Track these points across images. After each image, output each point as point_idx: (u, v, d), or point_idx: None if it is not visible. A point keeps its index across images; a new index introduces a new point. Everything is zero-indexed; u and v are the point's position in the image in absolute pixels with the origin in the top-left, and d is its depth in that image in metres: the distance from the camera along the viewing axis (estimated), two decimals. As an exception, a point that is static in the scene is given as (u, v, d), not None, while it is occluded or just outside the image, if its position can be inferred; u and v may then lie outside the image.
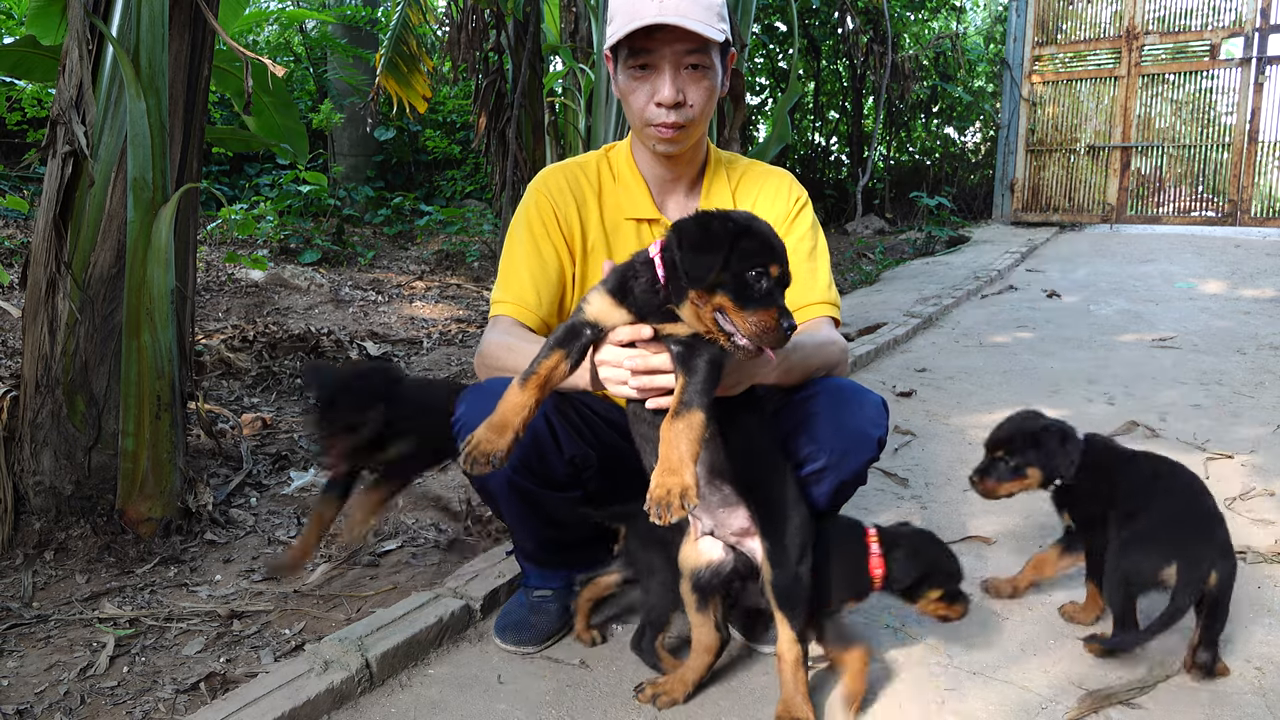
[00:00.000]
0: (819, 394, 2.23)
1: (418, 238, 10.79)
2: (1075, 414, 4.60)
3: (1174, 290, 8.22)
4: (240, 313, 6.80)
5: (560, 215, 2.43)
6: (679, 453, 1.74)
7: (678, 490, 1.70)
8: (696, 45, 2.22)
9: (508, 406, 1.85)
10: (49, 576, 2.88)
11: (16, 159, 9.60)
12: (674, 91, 2.24)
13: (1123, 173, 12.45)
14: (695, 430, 1.76)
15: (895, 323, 6.81)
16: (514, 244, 2.44)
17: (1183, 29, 12.03)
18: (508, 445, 1.83)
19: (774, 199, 2.50)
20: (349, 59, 11.41)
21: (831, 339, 2.36)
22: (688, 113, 2.27)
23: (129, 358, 2.99)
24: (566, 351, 1.89)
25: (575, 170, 2.51)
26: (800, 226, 2.50)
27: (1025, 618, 2.61)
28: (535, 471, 2.26)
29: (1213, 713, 2.16)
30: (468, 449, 1.81)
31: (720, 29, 2.23)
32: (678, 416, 1.78)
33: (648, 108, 2.28)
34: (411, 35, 7.39)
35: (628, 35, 2.20)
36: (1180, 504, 2.40)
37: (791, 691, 2.10)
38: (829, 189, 14.85)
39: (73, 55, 3.00)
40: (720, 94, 2.37)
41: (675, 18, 2.15)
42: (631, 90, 2.30)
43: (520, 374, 1.87)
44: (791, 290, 2.39)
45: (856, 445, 2.21)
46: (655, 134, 2.31)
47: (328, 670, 2.22)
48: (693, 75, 2.26)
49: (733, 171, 2.54)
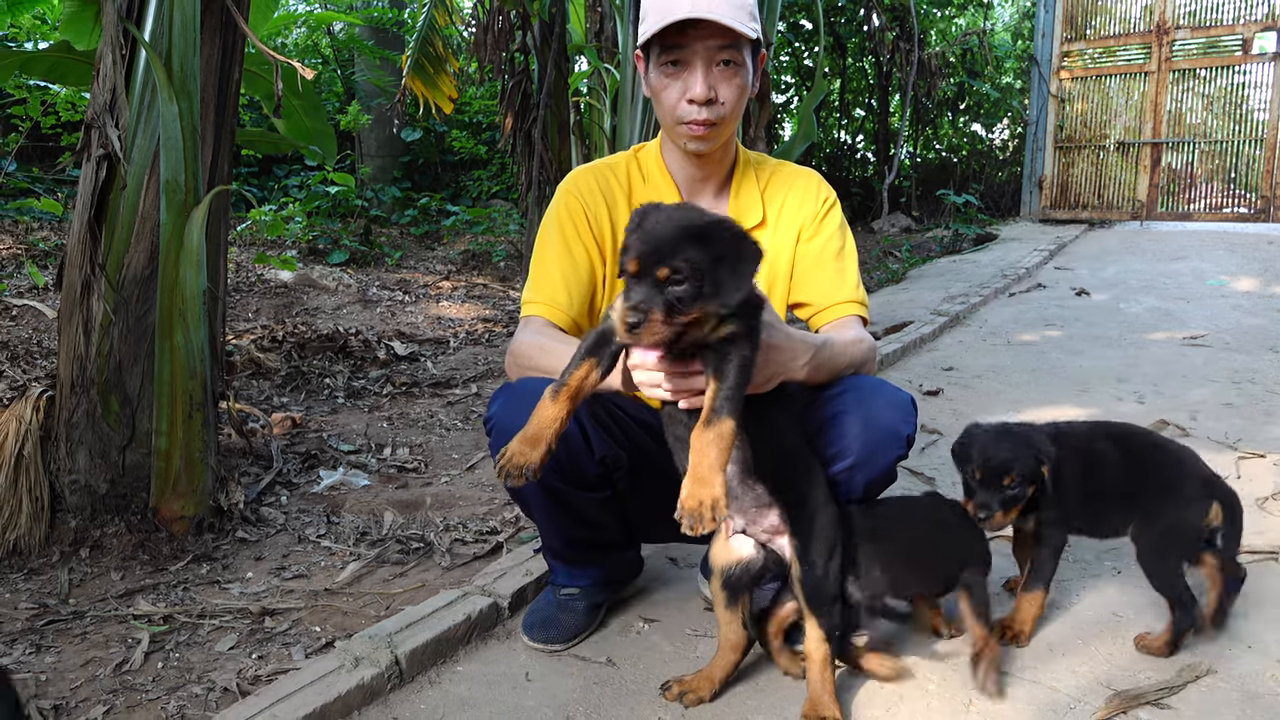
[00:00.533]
0: (846, 392, 2.23)
1: (444, 238, 10.84)
2: (1105, 412, 4.56)
3: (1205, 288, 8.12)
4: (270, 313, 6.87)
5: (591, 216, 2.44)
6: (709, 462, 1.76)
7: (709, 502, 1.73)
8: (729, 41, 2.21)
9: (541, 420, 1.87)
10: (85, 573, 2.93)
11: (51, 162, 9.73)
12: (706, 88, 2.23)
13: (1153, 169, 12.31)
14: (725, 440, 1.78)
15: (922, 321, 6.78)
16: (545, 245, 2.44)
17: (1214, 23, 11.87)
18: (540, 458, 1.86)
19: (802, 199, 2.49)
20: (376, 61, 11.50)
21: (860, 337, 2.35)
22: (719, 110, 2.27)
23: (162, 358, 3.03)
24: (597, 359, 1.90)
25: (605, 171, 2.50)
26: (829, 226, 2.49)
27: (1053, 618, 2.60)
28: (566, 471, 2.26)
29: (1244, 713, 2.14)
30: (502, 461, 1.85)
31: (753, 27, 2.23)
32: (709, 425, 1.79)
33: (679, 105, 2.27)
34: (438, 36, 7.44)
35: (660, 32, 2.20)
36: (1171, 453, 2.48)
37: (819, 690, 2.11)
38: (855, 187, 14.77)
39: (106, 60, 3.04)
40: (751, 93, 2.37)
41: (708, 13, 2.15)
42: (663, 87, 2.29)
43: (552, 385, 1.88)
44: (819, 289, 2.41)
45: (885, 443, 2.20)
46: (686, 131, 2.30)
47: (358, 667, 2.24)
48: (724, 72, 2.25)
49: (761, 172, 2.53)
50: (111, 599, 2.78)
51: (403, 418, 4.66)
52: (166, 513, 3.08)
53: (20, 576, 2.89)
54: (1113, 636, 2.49)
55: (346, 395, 5.00)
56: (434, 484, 3.78)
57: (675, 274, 1.73)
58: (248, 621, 2.67)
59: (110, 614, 2.68)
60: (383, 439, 4.28)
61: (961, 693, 2.25)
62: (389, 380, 5.30)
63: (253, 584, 2.91)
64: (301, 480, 3.74)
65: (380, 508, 3.50)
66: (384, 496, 3.62)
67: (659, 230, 1.77)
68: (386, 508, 3.50)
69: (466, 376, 5.46)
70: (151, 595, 2.81)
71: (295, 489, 3.65)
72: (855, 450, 2.19)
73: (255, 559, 3.08)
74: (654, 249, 1.74)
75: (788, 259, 2.47)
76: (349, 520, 3.39)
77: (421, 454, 4.14)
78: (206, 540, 3.12)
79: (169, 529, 3.08)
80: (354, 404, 4.88)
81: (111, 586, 2.85)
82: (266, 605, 2.74)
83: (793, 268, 2.48)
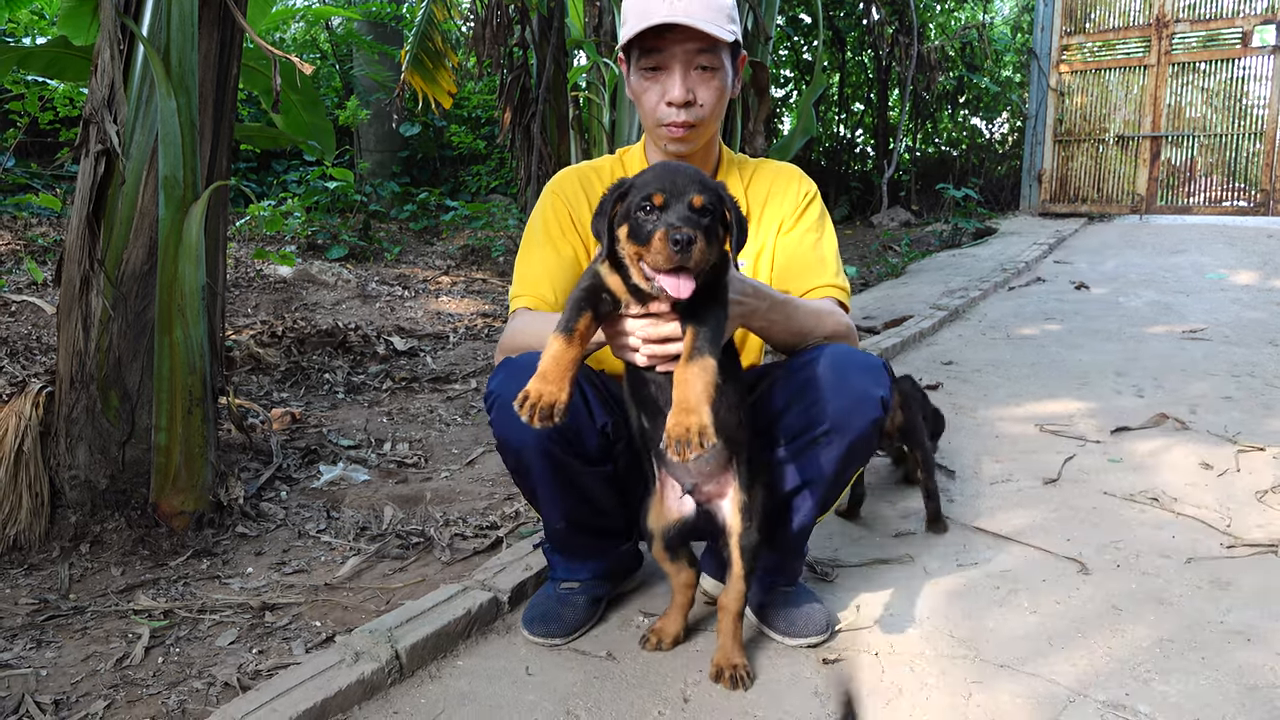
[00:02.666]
0: (818, 358, 2.26)
1: (443, 233, 10.84)
2: (1104, 406, 4.57)
3: (1205, 281, 8.12)
4: (269, 308, 6.86)
5: (575, 216, 2.49)
6: (695, 393, 1.81)
7: (696, 428, 1.76)
8: (706, 45, 2.28)
9: (560, 360, 1.86)
10: (85, 569, 2.93)
11: (50, 158, 9.73)
12: (684, 91, 2.30)
13: (1152, 163, 12.31)
14: (709, 374, 1.83)
15: (921, 315, 6.78)
16: (530, 244, 2.49)
17: (1214, 16, 11.86)
18: (568, 395, 1.83)
19: (784, 194, 2.56)
20: (375, 55, 11.48)
21: (830, 309, 2.38)
22: (698, 112, 2.33)
23: (161, 353, 3.03)
24: (594, 313, 1.94)
25: (589, 173, 2.56)
26: (808, 218, 2.54)
27: (1053, 611, 2.61)
28: (570, 441, 2.28)
29: (1242, 705, 2.14)
30: (529, 403, 1.80)
31: (730, 30, 2.28)
32: (692, 360, 1.84)
33: (659, 107, 2.34)
34: (436, 31, 7.43)
35: (639, 35, 2.27)
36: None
37: (731, 641, 2.27)
38: (854, 181, 14.77)
39: (104, 55, 3.04)
40: (731, 95, 2.43)
41: (685, 17, 2.21)
42: (643, 90, 2.37)
43: (558, 329, 1.89)
44: (799, 277, 2.47)
45: (859, 405, 2.22)
46: (667, 134, 2.36)
47: (358, 661, 2.24)
48: (702, 75, 2.32)
49: (744, 170, 2.60)
50: (112, 594, 2.78)
51: (402, 413, 4.66)
52: (166, 508, 3.08)
53: (20, 572, 2.89)
54: (1111, 629, 2.49)
55: (346, 390, 5.00)
56: (434, 479, 3.79)
57: (707, 205, 1.85)
58: (248, 616, 2.67)
59: (110, 609, 2.69)
60: (382, 434, 4.29)
61: (961, 685, 2.26)
62: (388, 375, 5.30)
63: (253, 579, 2.91)
64: (301, 475, 3.74)
65: (380, 503, 3.51)
66: (384, 491, 3.63)
67: (682, 170, 1.90)
68: (386, 503, 3.50)
69: (466, 371, 5.46)
70: (152, 590, 2.81)
71: (295, 484, 3.66)
72: (830, 415, 2.22)
73: (255, 554, 3.08)
74: (685, 182, 1.85)
75: (770, 253, 2.53)
76: (349, 515, 3.39)
77: (421, 449, 4.14)
78: (206, 535, 3.13)
79: (169, 524, 3.08)
80: (353, 399, 4.88)
81: (112, 582, 2.86)
82: (267, 600, 2.75)
83: (774, 261, 2.53)
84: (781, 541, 2.41)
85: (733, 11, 2.32)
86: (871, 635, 2.49)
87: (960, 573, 2.85)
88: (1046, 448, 4.03)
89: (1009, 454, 3.97)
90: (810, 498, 2.33)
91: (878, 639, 2.47)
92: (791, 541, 2.43)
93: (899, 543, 3.09)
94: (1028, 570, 2.85)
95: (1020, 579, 2.79)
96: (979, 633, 2.49)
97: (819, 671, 2.33)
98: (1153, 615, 2.55)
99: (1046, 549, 2.99)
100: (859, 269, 9.81)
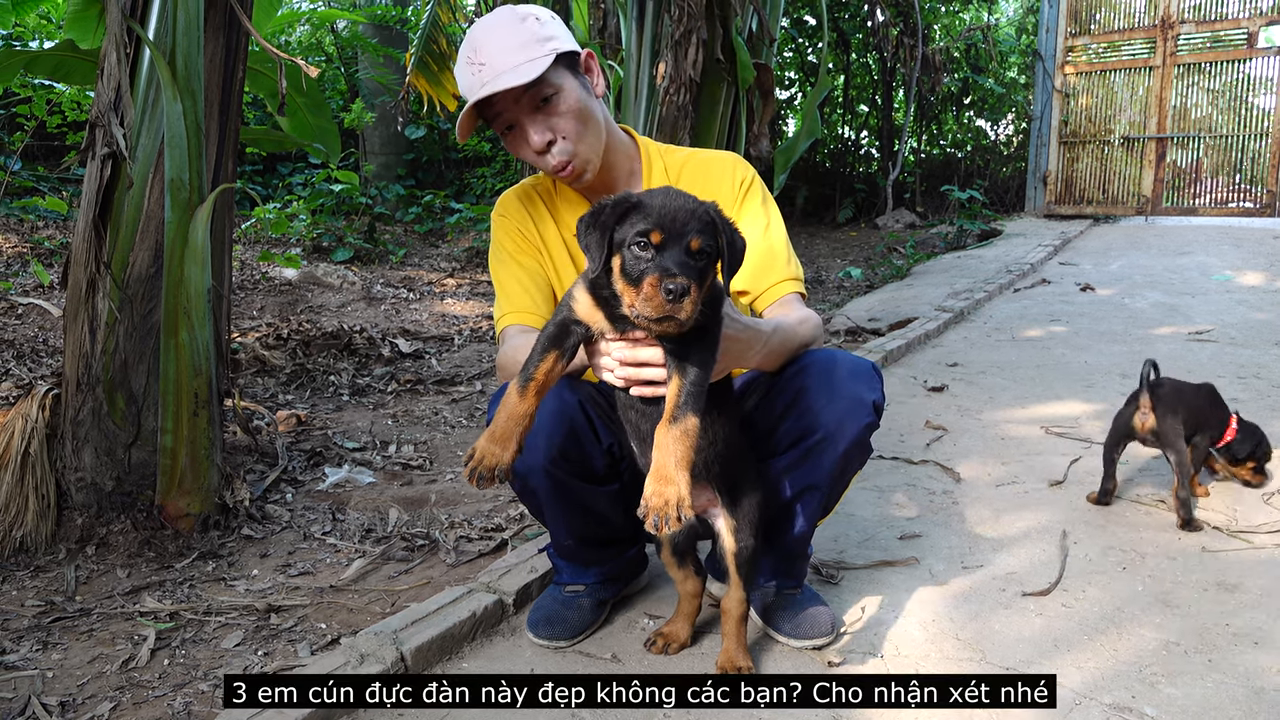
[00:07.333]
0: (808, 367, 2.25)
1: (448, 235, 10.85)
2: (1110, 408, 4.55)
3: (1211, 282, 8.10)
4: (274, 311, 6.88)
5: (524, 231, 2.50)
6: (674, 459, 1.78)
7: (674, 501, 1.75)
8: (532, 84, 2.19)
9: (511, 416, 1.88)
10: (91, 571, 2.93)
11: (56, 161, 9.76)
12: (540, 138, 2.25)
13: (1158, 164, 12.29)
14: (690, 438, 1.79)
15: (926, 317, 6.78)
16: (497, 267, 2.51)
17: (1219, 17, 11.85)
18: (511, 456, 1.87)
19: (719, 183, 2.49)
20: (380, 58, 11.49)
21: (805, 315, 2.35)
22: (565, 146, 2.27)
23: (167, 356, 3.04)
24: (560, 351, 1.91)
25: (527, 189, 2.56)
26: (749, 207, 2.48)
27: (1059, 614, 2.60)
28: (575, 462, 2.28)
29: (1250, 709, 2.13)
30: (471, 463, 1.84)
31: (545, 55, 2.19)
32: (674, 423, 1.80)
33: (535, 159, 2.30)
34: (441, 34, 7.43)
35: (476, 108, 2.24)
36: None
37: (735, 644, 2.26)
38: (859, 183, 14.76)
39: (110, 58, 3.05)
40: (598, 94, 2.36)
41: (497, 85, 2.16)
42: (515, 149, 2.33)
43: (517, 381, 1.89)
44: (753, 273, 2.41)
45: (852, 411, 2.21)
46: (561, 178, 2.35)
47: (363, 663, 2.24)
48: (548, 107, 2.25)
49: (671, 162, 2.53)
50: (118, 596, 2.78)
51: (407, 415, 4.66)
52: (172, 510, 3.09)
53: (27, 574, 2.90)
54: (1117, 632, 2.48)
55: (351, 393, 5.01)
56: (439, 481, 3.79)
57: (704, 248, 1.76)
58: (253, 618, 2.67)
59: (116, 611, 2.69)
60: (387, 436, 4.29)
61: (966, 688, 2.25)
62: (393, 378, 5.31)
63: (258, 581, 2.92)
64: (306, 478, 3.75)
65: (385, 505, 3.51)
66: (389, 494, 3.63)
67: (679, 204, 1.79)
68: (391, 505, 3.50)
69: (471, 374, 5.47)
70: (158, 592, 2.81)
71: (300, 486, 3.66)
72: (824, 423, 2.21)
73: (261, 556, 3.09)
74: (684, 219, 1.76)
75: None
76: (354, 517, 3.39)
77: (426, 451, 4.15)
78: (212, 537, 3.13)
79: (175, 526, 3.09)
80: (359, 401, 4.88)
81: (118, 584, 2.86)
82: (272, 602, 2.75)
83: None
84: (784, 546, 2.42)
85: (540, 28, 2.22)
86: (877, 637, 2.48)
87: (965, 575, 2.85)
88: (1052, 450, 4.02)
89: (1014, 456, 3.96)
90: (810, 503, 2.33)
91: (883, 641, 2.46)
92: (794, 546, 2.43)
93: (904, 545, 3.08)
94: (1033, 573, 2.85)
95: (1026, 581, 2.79)
96: (984, 635, 2.49)
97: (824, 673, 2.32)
98: (1159, 618, 2.54)
99: (1052, 551, 2.99)
100: (864, 271, 9.81)
